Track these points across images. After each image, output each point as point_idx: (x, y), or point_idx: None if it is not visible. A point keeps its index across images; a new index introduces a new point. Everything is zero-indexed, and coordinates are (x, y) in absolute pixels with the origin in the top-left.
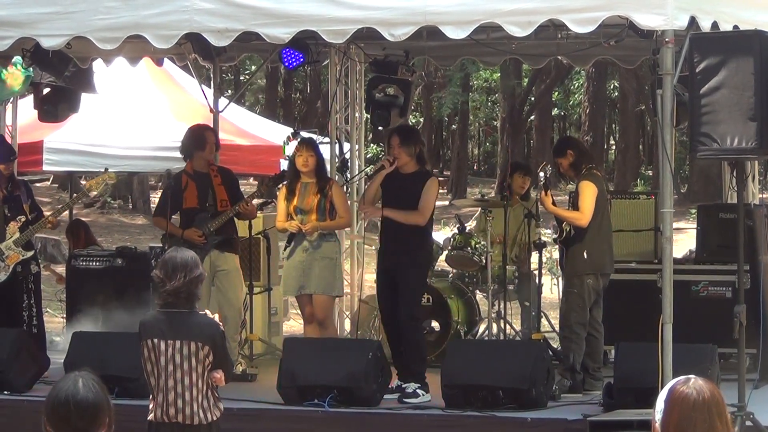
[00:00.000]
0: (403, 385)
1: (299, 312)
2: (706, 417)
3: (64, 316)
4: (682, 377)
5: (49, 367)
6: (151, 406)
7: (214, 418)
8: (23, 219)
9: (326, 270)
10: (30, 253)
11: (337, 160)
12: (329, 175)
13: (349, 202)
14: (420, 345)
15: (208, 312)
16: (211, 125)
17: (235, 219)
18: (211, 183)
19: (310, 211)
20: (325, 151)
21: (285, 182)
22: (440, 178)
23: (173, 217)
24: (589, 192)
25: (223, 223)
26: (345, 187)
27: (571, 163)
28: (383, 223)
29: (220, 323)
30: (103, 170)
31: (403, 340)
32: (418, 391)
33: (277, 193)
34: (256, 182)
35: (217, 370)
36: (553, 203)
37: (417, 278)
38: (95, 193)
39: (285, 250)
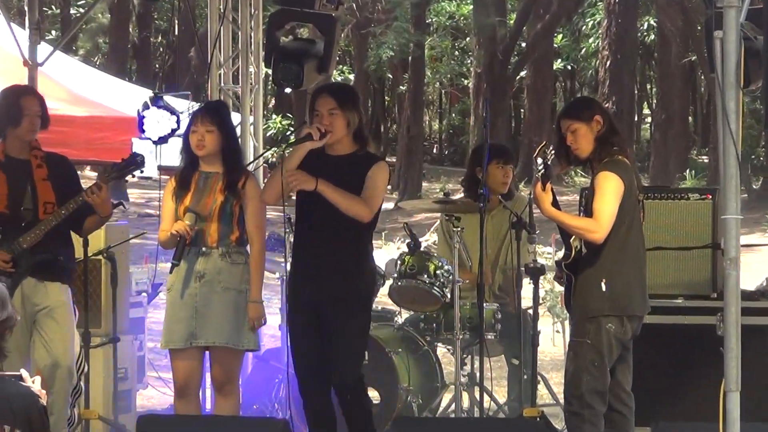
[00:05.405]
0: None
1: (169, 371)
2: None
3: None
4: None
5: None
6: None
7: None
8: None
9: (231, 307)
10: None
11: None
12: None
13: None
14: (368, 416)
15: (23, 373)
16: (29, 85)
17: (72, 232)
18: (31, 176)
19: (209, 216)
20: None
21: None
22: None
23: None
24: (610, 189)
25: (44, 235)
26: None
27: (598, 137)
28: (297, 229)
29: (41, 393)
30: None
31: (345, 413)
32: None
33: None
34: (96, 173)
35: None
36: (555, 203)
37: (359, 319)
38: None
39: (171, 272)
